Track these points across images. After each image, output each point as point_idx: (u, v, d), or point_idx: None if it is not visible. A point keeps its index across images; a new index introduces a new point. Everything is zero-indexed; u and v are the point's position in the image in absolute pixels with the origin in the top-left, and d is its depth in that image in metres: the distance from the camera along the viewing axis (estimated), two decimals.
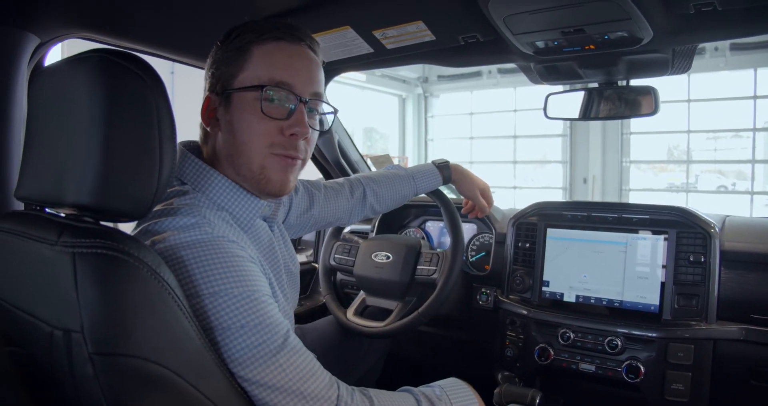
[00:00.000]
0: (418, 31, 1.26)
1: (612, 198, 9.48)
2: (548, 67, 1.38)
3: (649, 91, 1.33)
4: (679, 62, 1.29)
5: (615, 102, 1.38)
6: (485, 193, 1.49)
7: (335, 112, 0.95)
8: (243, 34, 0.84)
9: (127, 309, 0.59)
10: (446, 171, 1.42)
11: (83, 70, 0.63)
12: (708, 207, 1.35)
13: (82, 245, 0.57)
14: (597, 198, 9.49)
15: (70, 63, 0.65)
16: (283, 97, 0.83)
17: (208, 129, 0.86)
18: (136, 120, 0.64)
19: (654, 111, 1.32)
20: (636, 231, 1.34)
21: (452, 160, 1.45)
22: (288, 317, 0.91)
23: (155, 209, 0.75)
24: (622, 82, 1.38)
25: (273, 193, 0.86)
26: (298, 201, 1.20)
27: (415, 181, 1.39)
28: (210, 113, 0.86)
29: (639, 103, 1.35)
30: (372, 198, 1.35)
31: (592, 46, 1.20)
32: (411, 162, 11.60)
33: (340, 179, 1.35)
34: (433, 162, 1.43)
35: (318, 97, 0.87)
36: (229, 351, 0.68)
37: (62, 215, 0.68)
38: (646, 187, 9.91)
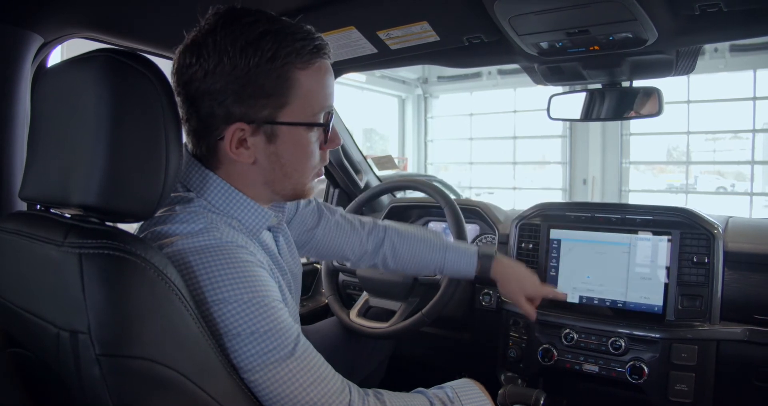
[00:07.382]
0: (422, 32, 1.26)
1: (612, 199, 9.49)
2: (552, 68, 1.38)
3: (653, 92, 1.33)
4: (683, 63, 1.29)
5: (618, 103, 1.38)
6: (533, 295, 1.22)
7: None
8: (279, 53, 0.73)
9: (134, 310, 0.58)
10: (486, 261, 1.20)
11: (89, 70, 0.62)
12: (707, 208, 1.35)
13: (89, 245, 0.57)
14: (597, 199, 9.50)
15: (75, 63, 0.65)
16: (329, 122, 0.81)
17: (235, 157, 0.76)
18: (143, 120, 0.63)
19: (658, 112, 1.31)
20: (639, 232, 1.34)
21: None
22: (295, 320, 0.90)
23: (160, 215, 0.74)
24: (626, 83, 1.38)
25: (305, 198, 0.88)
26: (304, 215, 1.14)
27: (446, 254, 1.21)
28: (239, 143, 0.75)
29: (642, 104, 1.35)
30: (388, 251, 1.22)
31: (596, 47, 1.20)
32: (410, 163, 11.59)
33: (367, 218, 1.25)
34: (479, 248, 1.23)
35: None
36: (240, 357, 0.68)
37: (67, 215, 0.68)
38: (646, 188, 9.93)
